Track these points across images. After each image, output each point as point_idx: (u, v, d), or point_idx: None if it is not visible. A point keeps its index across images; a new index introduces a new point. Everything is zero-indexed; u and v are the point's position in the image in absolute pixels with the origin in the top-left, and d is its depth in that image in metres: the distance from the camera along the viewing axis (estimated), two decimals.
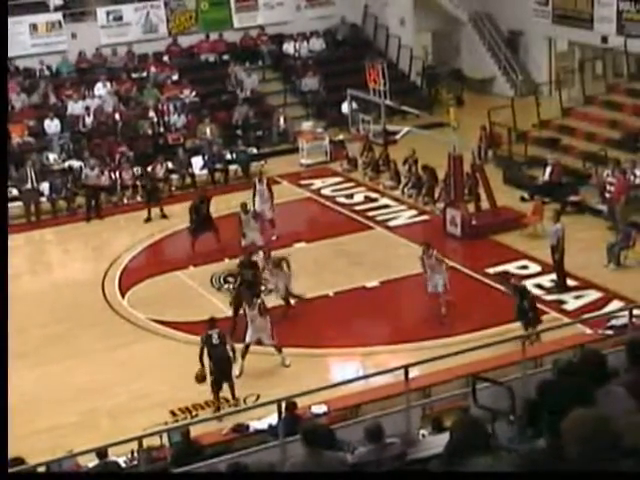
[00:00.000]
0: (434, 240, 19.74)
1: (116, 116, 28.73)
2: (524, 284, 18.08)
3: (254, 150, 28.22)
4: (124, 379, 16.73)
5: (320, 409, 14.16)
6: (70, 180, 25.79)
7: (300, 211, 25.59)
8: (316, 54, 32.70)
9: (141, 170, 25.95)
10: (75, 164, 26.59)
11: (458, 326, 17.83)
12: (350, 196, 25.59)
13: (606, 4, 29.20)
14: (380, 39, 33.41)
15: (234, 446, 12.42)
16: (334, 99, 30.73)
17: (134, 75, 30.69)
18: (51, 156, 27.01)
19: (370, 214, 24.17)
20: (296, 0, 33.00)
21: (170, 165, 26.62)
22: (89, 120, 28.40)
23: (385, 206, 24.75)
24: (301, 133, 29.03)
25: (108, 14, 31.24)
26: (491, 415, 8.30)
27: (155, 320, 18.99)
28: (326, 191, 26.06)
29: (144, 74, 30.76)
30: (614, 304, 17.97)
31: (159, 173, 26.21)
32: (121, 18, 31.28)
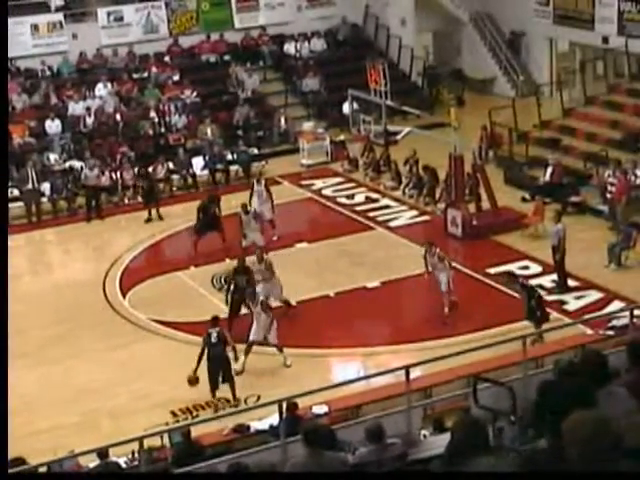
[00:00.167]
0: (435, 240, 19.70)
1: (117, 116, 28.72)
2: (531, 284, 18.02)
3: (255, 150, 28.21)
4: (125, 379, 16.73)
5: (321, 409, 14.15)
6: (71, 180, 25.81)
7: (301, 211, 25.59)
8: (317, 54, 32.70)
9: (139, 170, 25.94)
10: (76, 164, 26.58)
11: (459, 326, 17.83)
12: (351, 196, 25.58)
13: (607, 4, 29.19)
14: (381, 39, 33.40)
15: (235, 446, 12.44)
16: (335, 99, 30.73)
17: (135, 75, 30.69)
18: (52, 156, 26.99)
19: (371, 214, 24.16)
20: (297, 0, 33.00)
21: (171, 165, 26.66)
22: (90, 120, 28.39)
23: (386, 206, 24.74)
24: (302, 133, 29.01)
25: (109, 14, 31.24)
26: (492, 415, 8.30)
27: (156, 320, 18.99)
28: (327, 191, 26.05)
29: (145, 74, 30.76)
30: (615, 304, 17.97)
31: (160, 173, 26.25)
32: (122, 18, 31.28)
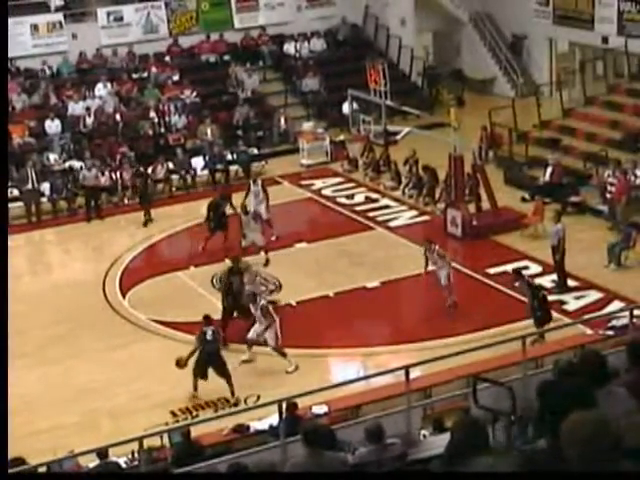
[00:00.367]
0: (435, 240, 19.69)
1: (117, 116, 28.71)
2: (537, 283, 17.90)
3: (255, 150, 28.20)
4: (125, 379, 16.73)
5: (321, 409, 14.14)
6: (71, 180, 25.81)
7: (301, 211, 25.59)
8: (317, 54, 32.69)
9: (134, 170, 25.84)
10: (76, 164, 26.57)
11: (459, 326, 17.82)
12: (351, 196, 25.58)
13: (607, 5, 29.19)
14: (381, 39, 33.39)
15: (234, 446, 12.44)
16: (335, 99, 30.72)
17: (135, 75, 30.68)
18: (52, 156, 26.99)
19: (371, 214, 24.16)
20: (297, 0, 33.00)
21: (171, 165, 26.65)
22: (90, 120, 28.38)
23: (386, 206, 24.75)
24: (302, 133, 29.00)
25: (109, 15, 31.23)
26: (492, 415, 8.30)
27: (156, 320, 18.98)
28: (327, 191, 26.05)
29: (145, 74, 30.75)
30: (615, 304, 17.97)
31: (160, 173, 26.26)
32: (122, 19, 31.27)
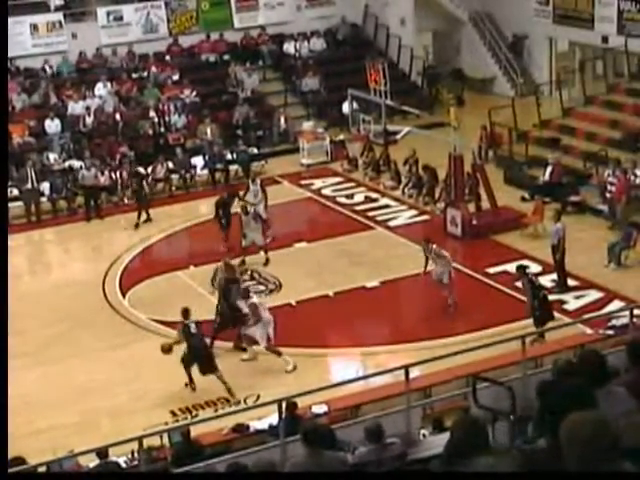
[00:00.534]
0: (435, 240, 19.68)
1: (116, 116, 28.70)
2: (539, 283, 17.78)
3: (255, 150, 28.20)
4: (124, 379, 16.72)
5: (320, 409, 14.14)
6: (70, 180, 25.80)
7: (301, 211, 25.60)
8: (317, 54, 32.69)
9: (130, 170, 25.70)
10: (75, 164, 26.56)
11: (459, 326, 17.83)
12: (350, 196, 25.57)
13: (607, 4, 29.19)
14: (381, 39, 33.39)
15: (234, 446, 12.43)
16: (335, 99, 30.72)
17: (134, 75, 30.68)
18: (51, 156, 26.99)
19: (370, 214, 24.16)
20: (296, 0, 33.01)
21: (170, 165, 26.65)
22: (89, 120, 28.38)
23: (385, 206, 24.74)
24: (302, 133, 29.00)
25: (108, 14, 31.23)
26: (492, 415, 8.30)
27: (156, 320, 18.97)
28: (327, 191, 26.05)
29: (145, 74, 30.74)
30: (615, 304, 17.96)
31: (159, 173, 26.26)
32: (121, 18, 31.27)
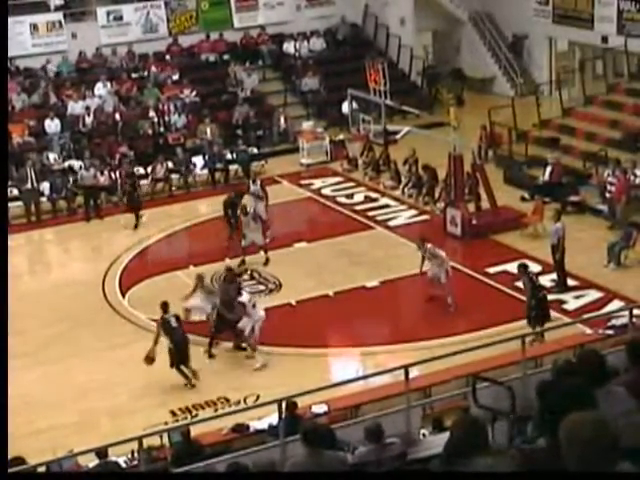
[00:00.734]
0: (434, 240, 19.71)
1: (116, 116, 28.71)
2: (539, 283, 17.75)
3: (254, 150, 28.20)
4: (124, 379, 16.71)
5: (320, 409, 14.14)
6: (70, 180, 25.79)
7: (300, 211, 25.60)
8: (316, 54, 32.69)
9: (125, 171, 25.63)
10: (75, 164, 26.57)
11: (458, 326, 17.82)
12: (350, 196, 25.57)
13: (606, 4, 29.19)
14: (380, 39, 33.39)
15: (234, 446, 12.43)
16: (334, 99, 30.72)
17: (134, 75, 30.69)
18: (51, 156, 26.99)
19: (370, 214, 24.15)
20: (296, 0, 33.00)
21: (170, 165, 26.65)
22: (89, 120, 28.38)
23: (385, 206, 24.74)
24: (301, 133, 29.00)
25: (108, 14, 31.24)
26: (491, 415, 8.30)
27: (155, 320, 18.91)
28: (326, 191, 26.04)
29: (144, 74, 30.75)
30: (614, 304, 17.95)
31: (159, 173, 26.26)
32: (121, 18, 31.28)
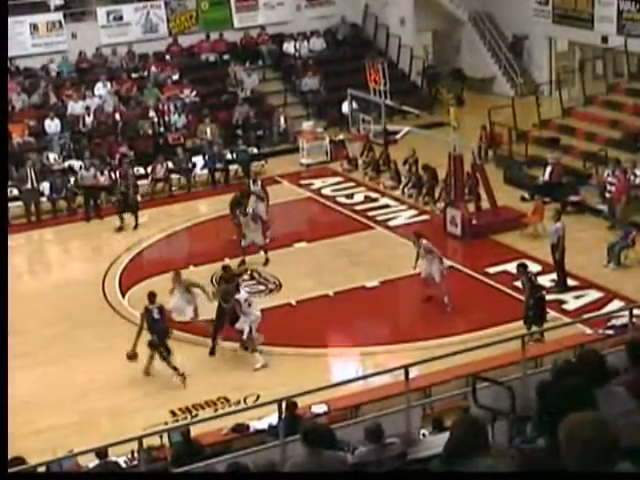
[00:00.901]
0: (434, 240, 19.69)
1: (116, 116, 28.71)
2: (538, 283, 17.72)
3: (254, 150, 28.20)
4: (124, 379, 16.71)
5: (320, 409, 14.14)
6: (70, 180, 25.78)
7: (300, 211, 25.60)
8: (316, 54, 32.69)
9: (120, 172, 25.24)
10: (75, 164, 26.57)
11: (458, 326, 17.82)
12: (350, 196, 25.57)
13: (606, 4, 29.18)
14: (380, 39, 33.39)
15: (234, 446, 12.43)
16: (334, 99, 30.71)
17: (134, 75, 30.68)
18: (51, 156, 26.99)
19: (370, 214, 24.15)
20: (296, 0, 33.00)
21: (170, 165, 26.65)
22: (89, 120, 28.38)
23: (385, 206, 24.74)
24: (301, 133, 29.00)
25: (108, 14, 31.24)
26: (491, 415, 8.30)
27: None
28: (326, 191, 26.04)
29: (144, 74, 30.75)
30: (614, 304, 17.95)
31: (159, 173, 26.26)
32: (121, 18, 31.28)
